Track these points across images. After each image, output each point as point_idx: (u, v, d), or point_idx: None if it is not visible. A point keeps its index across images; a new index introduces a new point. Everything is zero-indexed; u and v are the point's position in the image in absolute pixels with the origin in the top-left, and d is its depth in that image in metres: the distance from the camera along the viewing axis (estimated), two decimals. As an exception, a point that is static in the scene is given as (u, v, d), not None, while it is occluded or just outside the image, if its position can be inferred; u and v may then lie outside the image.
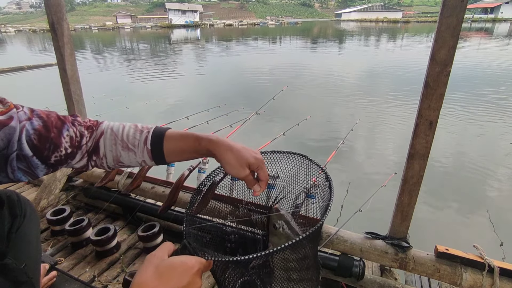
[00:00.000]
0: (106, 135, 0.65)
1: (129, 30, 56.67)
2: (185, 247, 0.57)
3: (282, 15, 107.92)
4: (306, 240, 0.58)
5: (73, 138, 0.61)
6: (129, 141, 0.65)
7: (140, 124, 0.68)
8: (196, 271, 0.51)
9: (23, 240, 0.77)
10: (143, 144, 0.64)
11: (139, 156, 0.65)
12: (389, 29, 43.65)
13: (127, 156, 0.65)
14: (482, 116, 5.92)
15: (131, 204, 1.66)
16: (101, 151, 0.65)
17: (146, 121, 5.47)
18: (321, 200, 0.81)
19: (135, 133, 0.65)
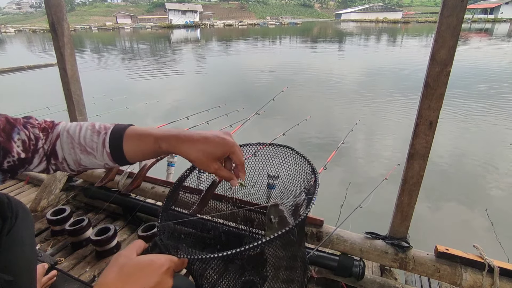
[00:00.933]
0: (62, 138, 0.60)
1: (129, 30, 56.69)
2: (156, 244, 0.54)
3: (282, 16, 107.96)
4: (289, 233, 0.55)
5: (26, 141, 0.56)
6: (86, 144, 0.59)
7: (98, 124, 0.63)
8: (166, 270, 0.48)
9: (15, 242, 0.76)
10: (102, 147, 0.59)
11: (100, 159, 0.60)
12: (389, 29, 43.68)
13: (87, 159, 0.60)
14: (482, 116, 5.92)
15: (131, 204, 1.66)
16: (59, 155, 0.60)
17: (146, 122, 5.48)
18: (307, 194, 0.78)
19: (92, 135, 0.60)
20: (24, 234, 0.79)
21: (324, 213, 1.39)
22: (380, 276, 1.33)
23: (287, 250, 0.67)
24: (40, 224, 1.63)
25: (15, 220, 0.77)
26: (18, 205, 0.80)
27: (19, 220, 0.78)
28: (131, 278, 0.45)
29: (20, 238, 0.77)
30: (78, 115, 1.77)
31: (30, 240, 0.84)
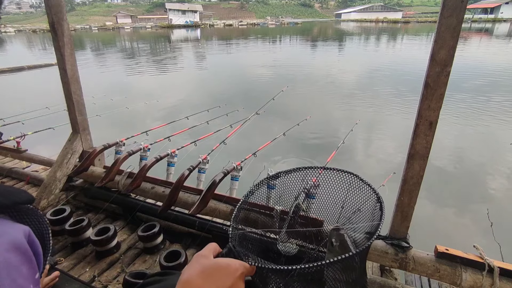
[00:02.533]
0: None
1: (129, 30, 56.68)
2: (231, 250, 0.58)
3: (282, 15, 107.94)
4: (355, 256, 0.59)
5: None
6: None
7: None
8: (240, 274, 0.51)
9: None
10: None
11: None
12: (389, 29, 43.67)
13: None
14: (482, 116, 5.92)
15: (131, 204, 1.66)
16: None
17: (146, 121, 5.48)
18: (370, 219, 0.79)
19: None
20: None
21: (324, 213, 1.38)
22: (380, 276, 1.33)
23: (347, 275, 0.68)
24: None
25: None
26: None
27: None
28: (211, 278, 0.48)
29: None
30: (78, 115, 1.78)
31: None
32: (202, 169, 1.72)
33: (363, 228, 0.81)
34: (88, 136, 1.95)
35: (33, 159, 2.30)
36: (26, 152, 2.33)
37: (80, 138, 1.89)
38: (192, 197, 1.53)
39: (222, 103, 4.02)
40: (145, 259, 1.40)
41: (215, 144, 1.97)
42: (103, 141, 1.83)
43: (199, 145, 2.06)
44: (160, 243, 1.46)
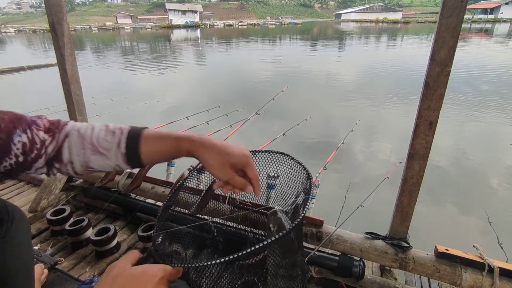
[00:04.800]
0: (71, 138, 0.56)
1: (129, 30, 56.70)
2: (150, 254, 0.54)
3: (282, 16, 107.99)
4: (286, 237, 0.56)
5: (27, 145, 0.52)
6: (99, 144, 0.56)
7: (112, 124, 0.60)
8: (159, 280, 0.48)
9: (12, 245, 0.75)
10: (116, 147, 0.57)
11: (112, 160, 0.58)
12: (389, 29, 43.68)
13: (98, 160, 0.57)
14: (482, 116, 5.92)
15: (131, 204, 1.66)
16: (64, 157, 0.55)
17: (146, 122, 5.48)
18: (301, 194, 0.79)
19: (106, 135, 0.57)
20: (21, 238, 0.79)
21: (324, 213, 1.39)
22: (380, 276, 1.33)
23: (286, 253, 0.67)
24: (40, 224, 1.63)
25: (11, 224, 0.76)
26: (14, 209, 0.80)
27: (15, 224, 0.77)
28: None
29: (16, 242, 0.77)
30: (78, 115, 1.77)
31: (27, 243, 0.84)
32: (202, 169, 1.72)
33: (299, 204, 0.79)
34: (88, 136, 1.94)
35: (33, 159, 2.29)
36: (26, 152, 2.33)
37: (80, 138, 1.89)
38: (192, 197, 1.53)
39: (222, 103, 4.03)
40: (145, 259, 1.40)
41: (215, 144, 1.96)
42: (103, 141, 1.83)
43: (199, 145, 2.06)
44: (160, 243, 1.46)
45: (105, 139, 0.57)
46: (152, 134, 0.59)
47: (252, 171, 0.61)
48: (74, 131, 0.57)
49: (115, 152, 0.57)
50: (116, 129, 0.58)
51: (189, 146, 0.57)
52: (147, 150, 0.58)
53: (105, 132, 0.58)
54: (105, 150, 0.56)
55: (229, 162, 0.58)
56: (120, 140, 0.57)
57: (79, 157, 0.56)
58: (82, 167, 0.58)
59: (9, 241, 0.75)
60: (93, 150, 0.56)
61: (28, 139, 0.53)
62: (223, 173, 0.58)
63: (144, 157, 0.58)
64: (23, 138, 0.52)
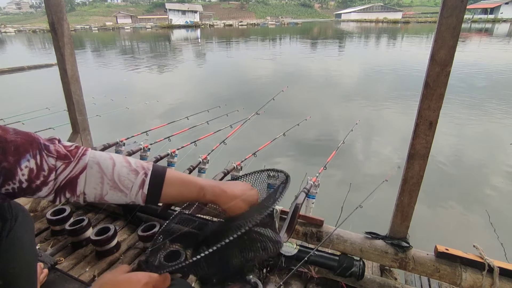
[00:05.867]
0: (90, 171, 0.54)
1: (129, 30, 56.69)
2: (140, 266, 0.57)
3: (282, 16, 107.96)
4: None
5: (34, 171, 0.50)
6: (121, 182, 0.55)
7: (134, 161, 0.59)
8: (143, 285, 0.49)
9: (15, 244, 0.76)
10: (139, 188, 0.57)
11: (130, 198, 0.58)
12: (389, 29, 43.68)
13: (114, 196, 0.57)
14: (482, 116, 5.92)
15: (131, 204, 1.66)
16: (78, 189, 0.54)
17: (146, 122, 5.49)
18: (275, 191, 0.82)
19: (129, 173, 0.56)
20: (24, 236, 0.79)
21: (324, 213, 1.39)
22: (380, 276, 1.33)
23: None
24: (40, 224, 1.63)
25: (14, 222, 0.77)
26: (17, 207, 0.80)
27: (18, 222, 0.78)
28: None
29: (20, 240, 0.77)
30: (78, 115, 1.78)
31: (30, 242, 0.84)
32: (202, 169, 1.72)
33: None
34: (88, 136, 1.95)
35: (33, 159, 2.29)
36: (26, 152, 2.33)
37: (80, 138, 1.89)
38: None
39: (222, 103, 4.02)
40: (145, 259, 1.40)
41: (215, 144, 1.97)
42: (103, 141, 1.83)
43: (199, 145, 2.06)
44: (160, 243, 1.46)
45: (128, 178, 0.56)
46: (175, 178, 0.60)
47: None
48: (94, 164, 0.55)
49: (136, 191, 0.57)
50: (138, 167, 0.58)
51: (211, 196, 0.63)
52: (170, 193, 0.60)
53: (127, 170, 0.57)
54: (126, 188, 0.56)
55: (249, 204, 0.67)
56: (143, 182, 0.57)
57: (95, 190, 0.56)
58: (95, 199, 0.57)
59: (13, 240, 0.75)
60: (113, 186, 0.56)
61: (36, 165, 0.51)
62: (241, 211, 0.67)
63: (163, 198, 0.60)
64: (31, 164, 0.50)
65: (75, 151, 0.55)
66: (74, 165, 0.54)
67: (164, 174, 0.59)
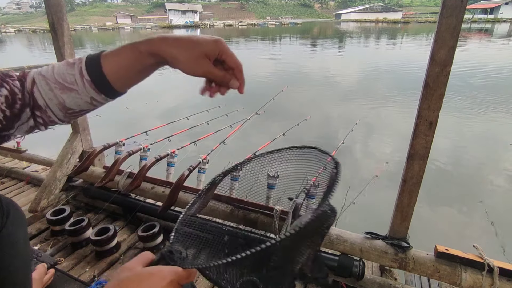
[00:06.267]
0: (38, 82, 0.53)
1: (129, 30, 56.70)
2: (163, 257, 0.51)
3: (282, 16, 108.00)
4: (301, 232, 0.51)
5: (9, 97, 0.50)
6: (64, 79, 0.53)
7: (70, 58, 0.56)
8: (169, 282, 0.45)
9: (7, 242, 0.74)
10: (80, 77, 0.52)
11: (83, 93, 0.53)
12: (389, 29, 43.68)
13: (70, 98, 0.53)
14: (482, 116, 5.92)
15: (131, 204, 1.66)
16: (41, 103, 0.53)
17: (146, 122, 5.49)
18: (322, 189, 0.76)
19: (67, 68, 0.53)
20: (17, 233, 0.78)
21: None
22: (380, 276, 1.33)
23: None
24: (40, 224, 1.63)
25: (6, 219, 0.75)
26: (9, 204, 0.78)
27: (10, 219, 0.76)
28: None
29: (13, 238, 0.76)
30: (78, 115, 1.77)
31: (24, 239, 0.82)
32: (202, 169, 1.72)
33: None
34: (88, 136, 1.95)
35: (33, 159, 2.30)
36: (26, 152, 2.33)
37: (80, 138, 1.89)
38: (192, 197, 1.53)
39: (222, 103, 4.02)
40: (145, 259, 1.40)
41: (215, 144, 1.97)
42: (103, 141, 1.83)
43: (199, 145, 2.06)
44: (160, 243, 1.46)
45: (67, 72, 0.53)
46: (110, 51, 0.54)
47: (232, 59, 0.53)
48: (37, 75, 0.54)
49: (81, 82, 0.52)
50: (75, 60, 0.54)
51: (148, 47, 0.51)
52: (111, 69, 0.52)
53: (65, 66, 0.54)
54: (71, 84, 0.53)
55: (200, 52, 0.50)
56: (81, 69, 0.52)
57: (52, 100, 0.54)
58: (62, 111, 0.55)
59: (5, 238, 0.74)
60: (60, 88, 0.53)
61: (7, 90, 0.51)
62: (198, 66, 0.51)
63: (111, 78, 0.53)
64: (3, 92, 0.50)
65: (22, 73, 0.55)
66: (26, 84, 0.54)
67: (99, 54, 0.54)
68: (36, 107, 0.54)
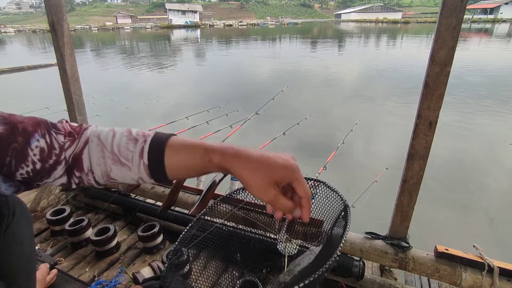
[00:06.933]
0: (91, 145, 0.51)
1: (129, 30, 56.70)
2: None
3: (282, 16, 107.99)
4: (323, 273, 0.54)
5: (45, 150, 0.48)
6: (120, 153, 0.50)
7: (136, 130, 0.53)
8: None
9: (13, 241, 0.74)
10: (139, 158, 0.49)
11: (135, 172, 0.51)
12: (389, 29, 43.69)
13: (120, 171, 0.51)
14: (482, 116, 5.92)
15: (131, 204, 1.66)
16: (85, 165, 0.51)
17: (146, 122, 5.50)
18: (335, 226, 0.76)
19: (128, 142, 0.50)
20: (22, 232, 0.78)
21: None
22: (380, 276, 1.33)
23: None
24: (40, 224, 1.63)
25: (12, 217, 0.75)
26: (15, 201, 0.78)
27: (16, 218, 0.76)
28: None
29: (19, 236, 0.76)
30: (78, 115, 1.77)
31: (29, 237, 0.82)
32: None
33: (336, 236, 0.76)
34: (88, 136, 1.94)
35: (33, 159, 2.29)
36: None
37: (80, 138, 1.89)
38: (192, 197, 1.53)
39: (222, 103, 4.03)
40: (145, 259, 1.40)
41: (215, 144, 1.96)
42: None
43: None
44: (160, 243, 1.46)
45: (127, 148, 0.50)
46: (179, 143, 0.50)
47: (302, 188, 0.49)
48: (94, 137, 0.51)
49: (137, 163, 0.50)
50: (139, 136, 0.51)
51: (220, 159, 0.48)
52: (173, 162, 0.50)
53: (127, 139, 0.51)
54: (126, 160, 0.50)
55: (270, 180, 0.47)
56: (142, 149, 0.50)
57: (99, 167, 0.51)
58: (104, 178, 0.52)
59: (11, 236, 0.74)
60: (113, 159, 0.50)
61: (46, 143, 0.49)
62: (266, 194, 0.47)
63: (169, 170, 0.50)
64: (41, 143, 0.48)
65: (78, 128, 0.53)
66: (78, 141, 0.51)
67: (166, 139, 0.50)
68: (79, 168, 0.51)
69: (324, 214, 0.87)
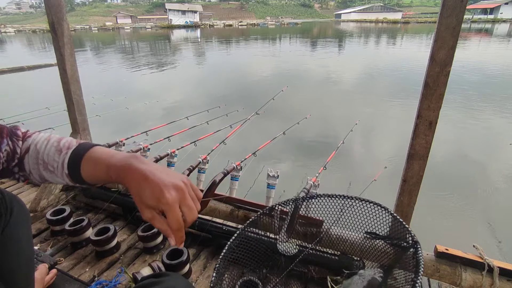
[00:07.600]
0: (30, 153, 0.59)
1: (129, 30, 56.70)
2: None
3: (282, 16, 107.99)
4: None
5: (10, 154, 0.58)
6: (49, 162, 0.57)
7: (64, 140, 0.59)
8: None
9: (11, 240, 0.74)
10: (61, 168, 0.57)
11: (61, 178, 0.58)
12: (389, 29, 43.69)
13: (50, 177, 0.59)
14: (481, 116, 5.92)
15: (131, 204, 1.67)
16: (26, 168, 0.59)
17: (146, 122, 5.49)
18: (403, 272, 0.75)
19: (55, 153, 0.58)
20: (21, 231, 0.77)
21: (324, 213, 1.38)
22: (380, 276, 1.33)
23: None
24: (40, 224, 1.63)
25: (10, 216, 0.74)
26: (13, 199, 0.78)
27: (14, 216, 0.75)
28: None
29: (17, 235, 0.76)
30: (78, 115, 1.78)
31: (27, 237, 0.82)
32: (202, 169, 1.72)
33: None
34: (88, 136, 1.95)
35: (33, 159, 2.29)
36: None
37: (80, 138, 1.89)
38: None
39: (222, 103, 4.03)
40: (145, 259, 1.40)
41: (215, 144, 1.97)
42: (103, 141, 1.83)
43: (199, 145, 2.06)
44: (160, 243, 1.46)
45: (53, 158, 0.58)
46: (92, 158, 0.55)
47: (171, 220, 0.47)
48: (33, 145, 0.60)
49: (61, 171, 0.57)
50: (64, 147, 0.58)
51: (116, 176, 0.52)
52: (87, 173, 0.56)
53: (54, 149, 0.58)
54: (53, 168, 0.58)
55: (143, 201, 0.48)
56: (64, 161, 0.57)
57: (35, 171, 0.59)
58: (40, 179, 0.60)
59: (9, 235, 0.73)
60: (44, 166, 0.58)
61: (10, 148, 0.58)
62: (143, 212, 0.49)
63: (86, 178, 0.56)
64: (9, 147, 0.58)
65: (24, 134, 0.61)
66: (22, 148, 0.60)
67: (84, 152, 0.56)
68: (21, 169, 0.60)
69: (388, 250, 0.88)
